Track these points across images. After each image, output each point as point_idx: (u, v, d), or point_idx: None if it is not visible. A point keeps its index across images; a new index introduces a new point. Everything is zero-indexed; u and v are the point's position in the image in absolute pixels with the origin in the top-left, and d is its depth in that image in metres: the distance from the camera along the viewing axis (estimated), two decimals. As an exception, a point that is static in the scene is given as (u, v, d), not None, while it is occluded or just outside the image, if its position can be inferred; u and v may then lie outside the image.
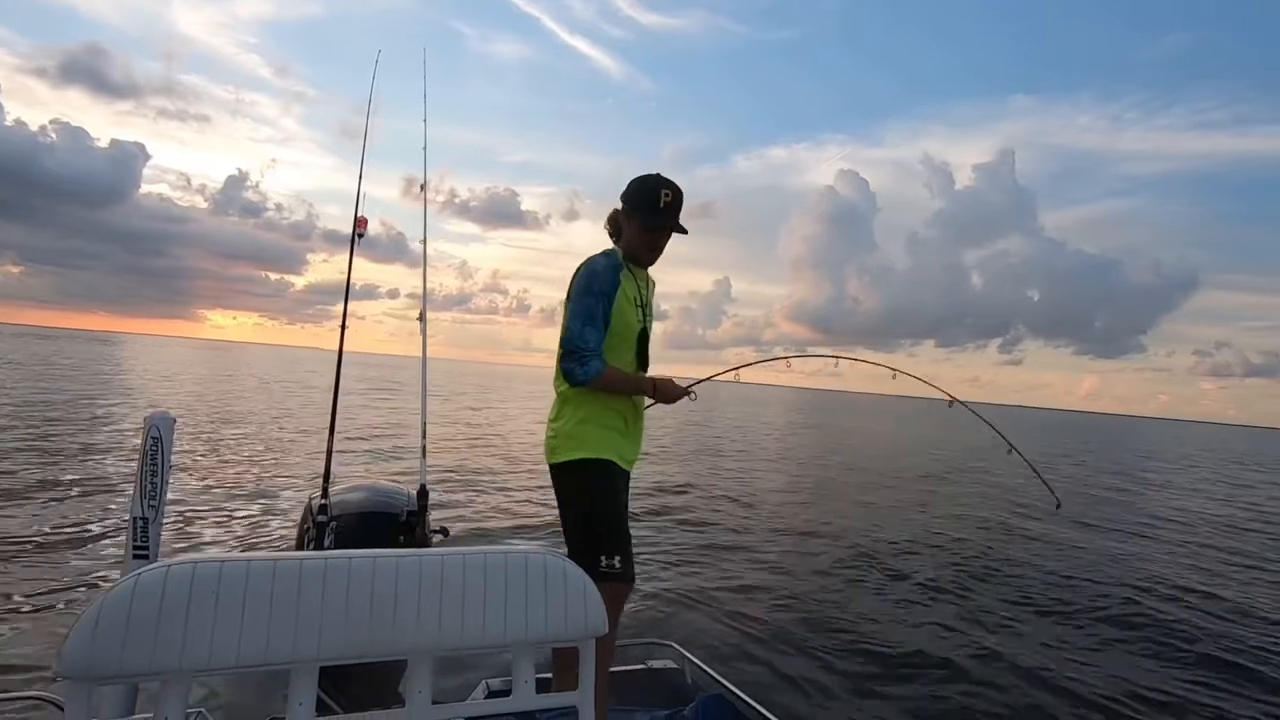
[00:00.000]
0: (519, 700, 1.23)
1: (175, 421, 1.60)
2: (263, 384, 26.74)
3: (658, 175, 1.99)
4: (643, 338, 2.03)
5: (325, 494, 2.45)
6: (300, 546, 2.45)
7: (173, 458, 1.65)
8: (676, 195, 1.95)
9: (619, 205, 2.07)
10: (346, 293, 2.98)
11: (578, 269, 1.98)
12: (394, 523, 2.39)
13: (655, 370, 2.11)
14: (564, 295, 1.99)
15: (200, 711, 1.42)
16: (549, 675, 1.90)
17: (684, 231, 2.00)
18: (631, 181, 2.02)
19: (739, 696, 2.08)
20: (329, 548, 2.28)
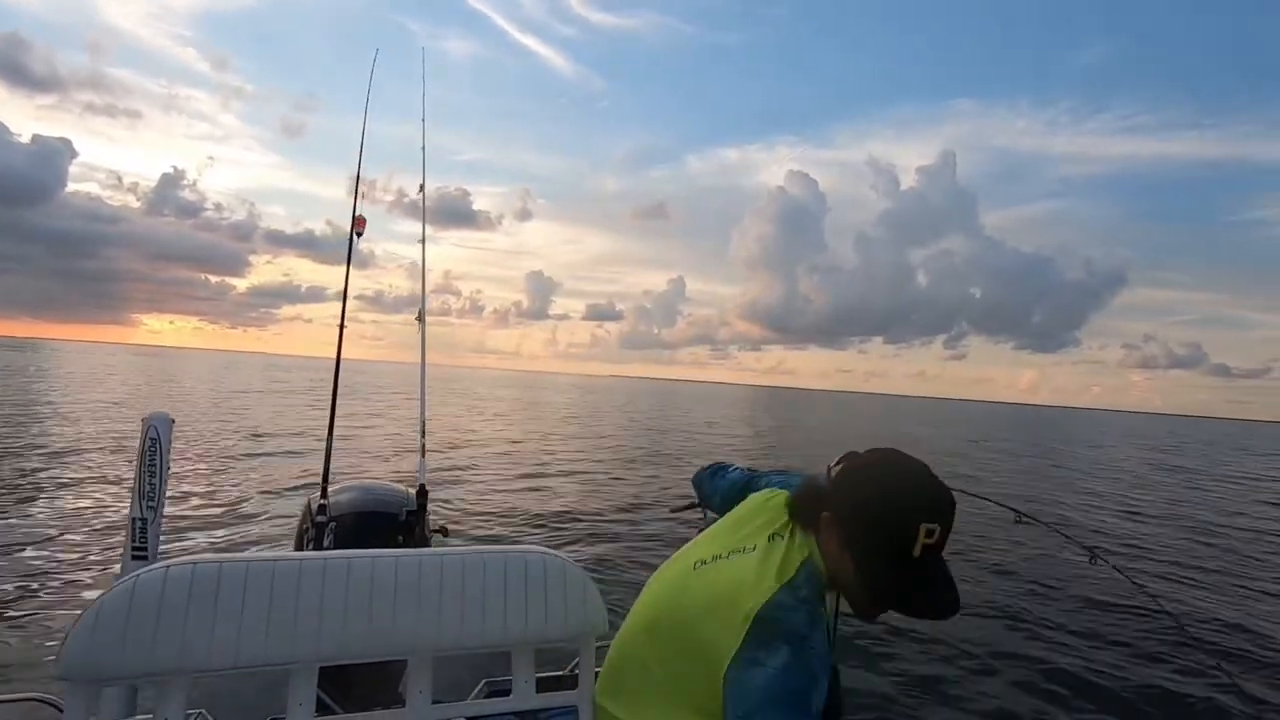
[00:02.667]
0: (518, 700, 1.23)
1: (174, 423, 1.59)
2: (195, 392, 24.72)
3: (913, 485, 0.96)
4: None
5: (324, 494, 2.44)
6: (299, 547, 2.44)
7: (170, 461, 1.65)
8: (946, 527, 0.94)
9: (814, 489, 1.07)
10: (345, 295, 2.97)
11: (760, 637, 0.94)
12: (393, 522, 2.38)
13: (621, 367, 1.34)
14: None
15: (200, 712, 1.42)
16: (548, 674, 1.90)
17: (953, 608, 0.95)
18: (858, 476, 1.01)
19: None
20: (328, 548, 2.27)
